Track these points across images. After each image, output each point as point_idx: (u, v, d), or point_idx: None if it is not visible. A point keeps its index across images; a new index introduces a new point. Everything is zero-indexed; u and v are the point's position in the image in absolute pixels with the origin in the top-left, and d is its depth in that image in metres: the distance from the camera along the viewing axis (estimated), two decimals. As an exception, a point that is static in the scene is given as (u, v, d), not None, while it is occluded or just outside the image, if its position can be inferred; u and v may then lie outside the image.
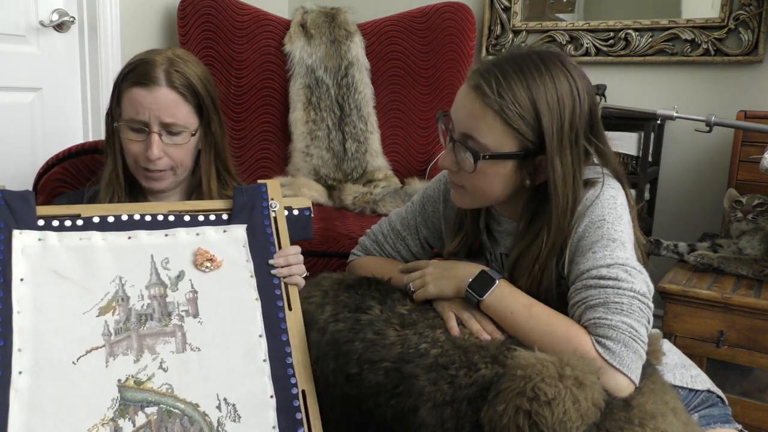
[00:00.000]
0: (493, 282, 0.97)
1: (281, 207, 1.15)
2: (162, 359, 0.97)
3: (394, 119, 2.25)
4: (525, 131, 0.94)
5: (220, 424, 0.94)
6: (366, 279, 1.12)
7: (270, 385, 0.99)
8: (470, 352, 0.90)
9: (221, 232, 1.10)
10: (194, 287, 1.04)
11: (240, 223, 1.11)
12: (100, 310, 0.98)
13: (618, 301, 0.88)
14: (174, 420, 0.93)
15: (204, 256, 1.06)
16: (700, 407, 1.08)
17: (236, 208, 1.12)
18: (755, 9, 2.13)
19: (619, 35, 2.35)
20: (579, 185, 0.97)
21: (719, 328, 1.61)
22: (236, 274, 1.07)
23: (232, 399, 0.96)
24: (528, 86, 0.93)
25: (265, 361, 1.01)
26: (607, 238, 0.93)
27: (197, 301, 1.03)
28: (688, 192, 2.33)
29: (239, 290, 1.06)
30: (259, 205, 1.14)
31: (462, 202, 1.06)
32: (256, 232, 1.11)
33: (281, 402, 0.99)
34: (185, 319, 1.01)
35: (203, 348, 0.99)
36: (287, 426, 0.97)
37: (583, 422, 0.77)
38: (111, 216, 1.06)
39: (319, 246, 1.68)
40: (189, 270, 1.05)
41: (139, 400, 0.93)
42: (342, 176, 2.15)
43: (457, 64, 2.20)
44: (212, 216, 1.11)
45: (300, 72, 2.17)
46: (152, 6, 2.22)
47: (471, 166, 0.96)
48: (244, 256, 1.09)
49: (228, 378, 0.98)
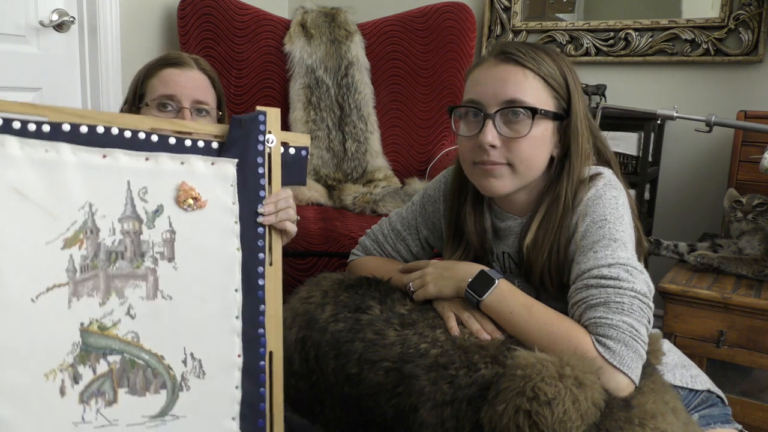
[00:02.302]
0: (493, 282, 0.97)
1: (278, 142, 1.03)
2: (130, 305, 0.89)
3: (394, 119, 2.25)
4: (559, 90, 1.00)
5: (183, 379, 0.91)
6: (366, 279, 1.12)
7: (239, 344, 0.95)
8: (470, 352, 0.90)
9: (209, 165, 0.97)
10: (173, 227, 0.94)
11: (231, 157, 0.99)
12: (66, 241, 0.86)
13: (619, 301, 0.88)
14: (137, 371, 0.89)
15: (188, 193, 0.95)
16: (700, 407, 1.08)
17: (230, 138, 0.99)
18: (755, 9, 2.13)
19: (619, 35, 2.35)
20: (591, 156, 1.03)
21: (719, 328, 1.61)
22: (220, 218, 0.97)
23: (198, 354, 0.93)
24: (547, 53, 1.01)
25: (237, 318, 0.96)
26: (608, 238, 0.93)
27: (174, 243, 0.93)
28: (688, 192, 2.33)
29: (221, 237, 0.97)
30: (254, 138, 1.00)
31: (502, 185, 1.02)
32: (247, 170, 0.99)
33: (248, 362, 0.96)
34: (159, 262, 0.92)
35: (175, 297, 0.92)
36: (250, 387, 0.95)
37: (583, 422, 0.77)
38: (84, 125, 0.89)
39: (319, 246, 1.68)
40: (169, 206, 0.94)
41: (101, 346, 0.87)
42: (342, 176, 2.15)
43: (457, 64, 2.20)
44: (201, 143, 0.97)
45: (300, 72, 2.17)
46: (152, 6, 2.22)
47: (527, 126, 0.97)
48: (230, 197, 0.98)
49: (197, 332, 0.93)
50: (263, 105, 1.02)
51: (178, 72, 1.17)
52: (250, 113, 1.01)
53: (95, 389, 0.86)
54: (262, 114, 1.01)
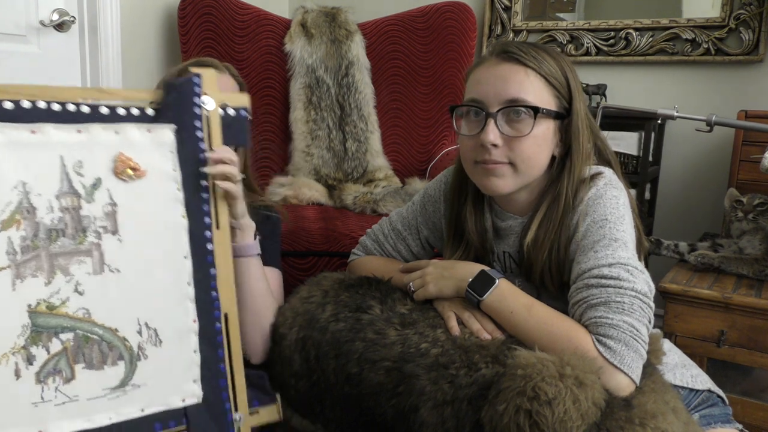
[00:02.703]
0: (493, 282, 0.97)
1: (216, 104, 1.00)
2: (77, 282, 0.87)
3: (394, 119, 2.25)
4: (560, 89, 1.01)
5: (140, 349, 0.91)
6: (366, 279, 1.12)
7: (193, 309, 0.95)
8: (471, 351, 0.90)
9: (145, 132, 0.94)
10: (113, 199, 0.91)
11: (167, 123, 0.95)
12: (2, 223, 0.84)
13: (619, 301, 0.88)
14: (92, 346, 0.88)
15: (126, 163, 0.91)
16: (700, 407, 1.08)
17: (165, 104, 0.95)
18: (756, 8, 2.13)
19: (619, 35, 2.35)
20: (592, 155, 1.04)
21: (720, 327, 1.60)
22: (162, 187, 0.94)
23: (153, 323, 0.92)
24: (548, 53, 1.01)
25: (189, 284, 0.95)
26: (609, 238, 0.93)
27: (116, 215, 0.91)
28: (688, 192, 2.33)
29: (165, 205, 0.94)
30: (189, 101, 0.97)
31: (504, 184, 1.02)
32: (185, 134, 0.96)
33: (204, 326, 0.96)
34: (103, 236, 0.89)
35: (123, 269, 0.90)
36: (208, 350, 0.96)
37: (584, 422, 0.77)
38: (8, 101, 0.85)
39: (320, 246, 1.68)
40: (107, 178, 0.90)
41: (52, 326, 0.86)
42: (342, 176, 2.15)
43: (458, 63, 2.20)
44: (135, 110, 0.93)
45: (300, 72, 2.17)
46: (152, 6, 2.22)
47: (529, 125, 0.97)
48: (170, 163, 0.95)
49: (150, 302, 0.92)
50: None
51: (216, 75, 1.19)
52: (185, 77, 0.98)
53: (51, 368, 0.86)
54: (197, 76, 0.98)
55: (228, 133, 1.01)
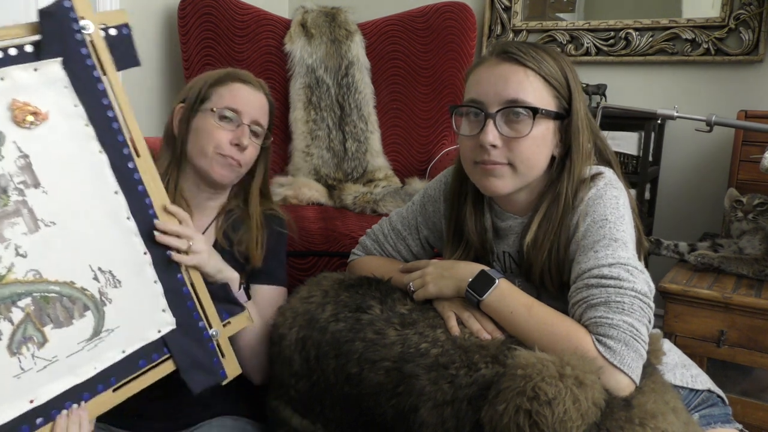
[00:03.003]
0: (493, 282, 0.97)
1: (96, 27, 0.93)
2: (16, 245, 0.83)
3: (394, 119, 2.25)
4: (560, 89, 1.00)
5: (102, 294, 0.90)
6: (366, 279, 1.12)
7: (140, 242, 0.94)
8: (470, 351, 0.90)
9: (32, 72, 0.87)
10: (23, 150, 0.85)
11: (52, 57, 0.88)
12: None
13: (619, 301, 0.88)
14: (54, 304, 0.86)
15: (24, 110, 0.85)
16: (700, 407, 1.08)
17: (45, 37, 0.88)
18: (756, 8, 2.13)
19: (619, 35, 2.35)
20: (592, 155, 1.03)
21: (720, 327, 1.60)
22: (69, 126, 0.89)
23: (106, 266, 0.91)
24: (548, 53, 1.01)
25: (128, 218, 0.93)
26: (609, 238, 0.93)
27: (33, 167, 0.85)
28: (688, 192, 2.33)
29: (78, 145, 0.89)
30: (68, 29, 0.90)
31: (504, 185, 1.01)
32: (76, 65, 0.90)
33: (155, 255, 0.96)
34: (26, 191, 0.84)
35: (58, 220, 0.87)
36: (167, 277, 0.97)
37: (584, 422, 0.77)
38: None
39: (320, 246, 1.68)
40: (9, 130, 0.84)
41: (6, 295, 0.82)
42: (342, 176, 2.15)
43: (458, 63, 2.20)
44: (13, 50, 0.86)
45: (300, 72, 2.17)
46: (152, 6, 2.22)
47: (528, 126, 0.97)
48: (70, 99, 0.89)
49: (96, 245, 0.90)
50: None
51: (249, 90, 1.21)
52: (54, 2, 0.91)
53: (21, 337, 0.84)
54: (68, 1, 0.91)
55: (116, 56, 0.96)
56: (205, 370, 0.99)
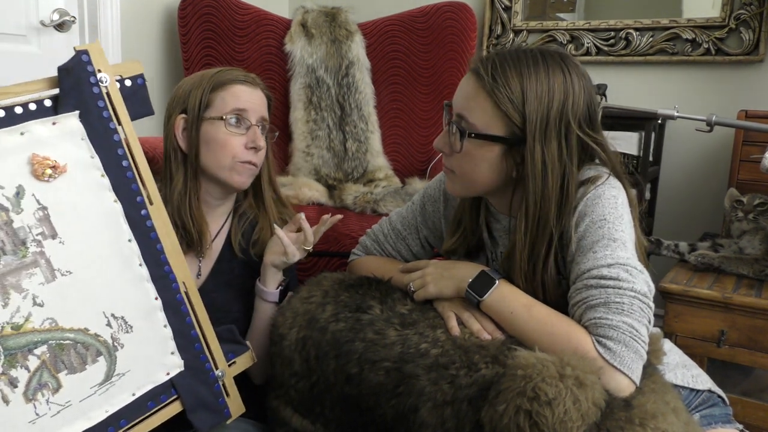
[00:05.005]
0: (493, 282, 0.97)
1: (112, 78, 0.96)
2: (34, 295, 0.86)
3: (394, 119, 2.25)
4: (513, 115, 0.94)
5: (114, 339, 0.92)
6: (366, 279, 1.12)
7: (152, 287, 0.97)
8: (471, 351, 0.90)
9: (50, 126, 0.89)
10: (41, 203, 0.88)
11: (70, 111, 0.91)
12: None
13: (619, 301, 0.87)
14: (68, 351, 0.88)
15: (43, 164, 0.87)
16: (701, 407, 1.08)
17: (62, 91, 0.91)
18: (756, 8, 2.13)
19: (619, 35, 2.35)
20: (569, 180, 0.96)
21: (720, 327, 1.60)
22: (85, 177, 0.92)
23: (119, 312, 0.93)
24: (521, 73, 0.95)
25: (141, 265, 0.96)
26: (608, 238, 0.93)
27: (50, 219, 0.88)
28: (688, 192, 2.33)
29: (94, 195, 0.92)
30: (86, 82, 0.93)
31: (453, 188, 1.06)
32: (92, 117, 0.93)
33: (166, 300, 0.98)
34: (43, 243, 0.87)
35: (74, 269, 0.89)
36: (176, 321, 0.99)
37: (584, 422, 0.77)
38: None
39: (320, 246, 1.67)
40: (28, 183, 0.87)
41: (24, 344, 0.85)
42: (342, 176, 2.15)
43: (458, 63, 2.20)
44: (32, 105, 0.89)
45: (300, 72, 2.17)
46: (152, 6, 2.22)
47: (459, 144, 0.98)
48: (86, 151, 0.92)
49: (109, 292, 0.93)
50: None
51: (250, 90, 1.20)
52: (72, 58, 0.94)
53: (36, 384, 0.86)
54: (85, 54, 0.94)
55: (131, 106, 0.99)
56: (211, 410, 1.02)
